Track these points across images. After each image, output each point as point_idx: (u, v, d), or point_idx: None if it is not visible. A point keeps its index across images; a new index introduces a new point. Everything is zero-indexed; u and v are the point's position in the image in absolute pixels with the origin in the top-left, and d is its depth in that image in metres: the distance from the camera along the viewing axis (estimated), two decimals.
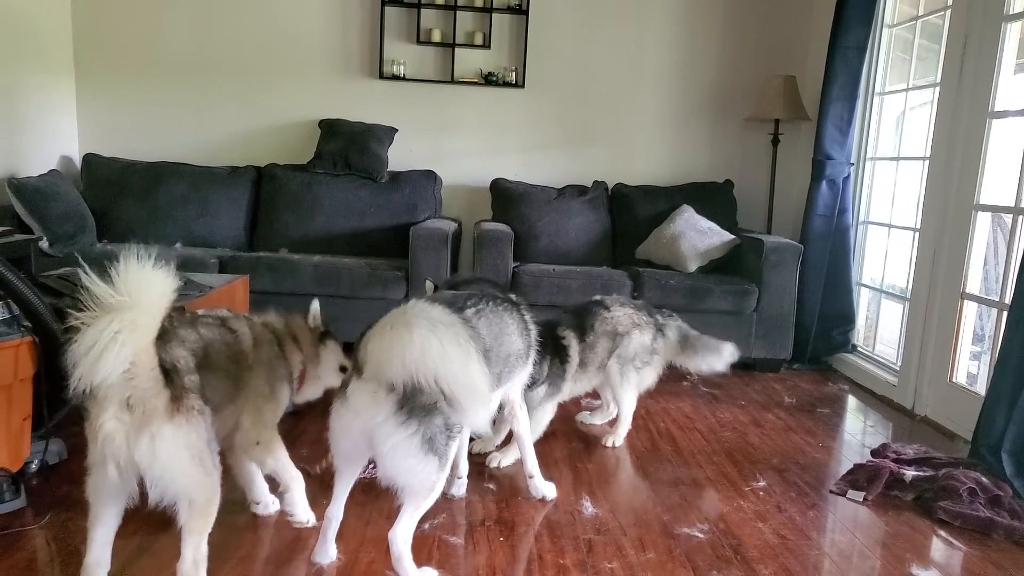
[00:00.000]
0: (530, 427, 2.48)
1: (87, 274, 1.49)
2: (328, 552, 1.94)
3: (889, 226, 4.18)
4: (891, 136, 4.27)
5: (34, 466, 2.36)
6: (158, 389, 1.56)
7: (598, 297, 3.05)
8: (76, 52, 4.60)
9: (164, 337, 1.66)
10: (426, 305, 1.72)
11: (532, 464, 2.43)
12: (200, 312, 1.95)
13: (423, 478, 1.75)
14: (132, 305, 1.50)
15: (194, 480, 1.61)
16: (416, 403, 1.70)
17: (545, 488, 2.42)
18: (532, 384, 2.64)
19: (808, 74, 4.66)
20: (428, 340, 1.62)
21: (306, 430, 2.82)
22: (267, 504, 2.20)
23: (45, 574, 1.87)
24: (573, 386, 2.83)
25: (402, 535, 1.80)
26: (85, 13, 4.57)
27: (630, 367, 2.91)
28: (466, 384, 1.65)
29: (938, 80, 3.59)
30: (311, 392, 2.23)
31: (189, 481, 1.60)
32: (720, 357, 3.09)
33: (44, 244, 3.72)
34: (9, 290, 2.13)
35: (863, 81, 4.16)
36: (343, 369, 2.19)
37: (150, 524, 1.97)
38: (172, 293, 1.61)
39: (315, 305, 2.22)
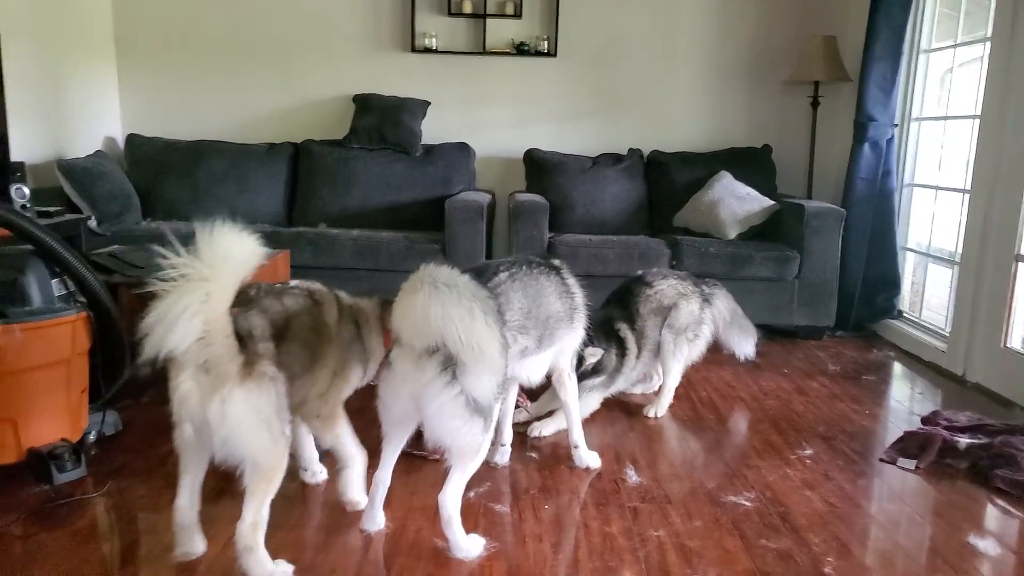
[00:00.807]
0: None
1: (169, 245, 1.55)
2: (376, 519, 1.98)
3: (936, 188, 4.06)
4: (937, 95, 4.13)
5: (92, 437, 2.42)
6: (232, 355, 1.63)
7: (640, 272, 3.04)
8: (117, 36, 4.67)
9: (246, 305, 1.75)
10: (434, 268, 1.71)
11: (578, 434, 2.43)
12: (290, 283, 2.00)
13: (469, 438, 1.78)
14: (209, 276, 1.56)
15: (260, 444, 1.66)
16: (456, 364, 1.71)
17: (589, 458, 2.43)
18: (595, 372, 2.70)
19: (849, 33, 4.52)
20: (431, 302, 1.64)
21: (348, 402, 2.86)
22: (315, 472, 2.24)
23: (107, 540, 1.93)
24: (628, 375, 2.87)
25: (451, 498, 1.83)
26: None
27: (682, 338, 2.91)
28: (469, 344, 1.65)
29: (989, 34, 3.46)
30: None
31: (255, 444, 1.65)
32: (750, 342, 3.13)
33: (92, 223, 3.80)
34: (65, 267, 2.19)
35: (907, 38, 4.02)
36: None
37: (209, 491, 2.01)
38: (253, 262, 1.67)
39: None
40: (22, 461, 2.18)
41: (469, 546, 1.87)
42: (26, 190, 3.24)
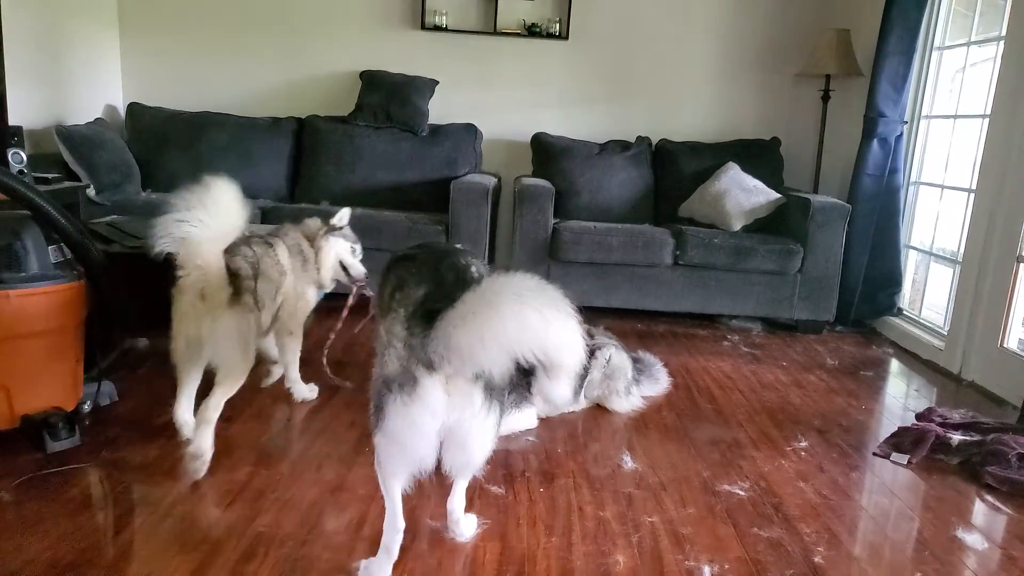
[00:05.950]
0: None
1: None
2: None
3: (942, 187, 4.04)
4: (948, 93, 4.10)
5: (87, 407, 2.41)
6: (223, 285, 2.07)
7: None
8: (120, 2, 4.62)
9: (231, 250, 2.16)
10: (517, 280, 1.45)
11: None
12: (249, 233, 2.37)
13: (489, 452, 1.69)
14: (213, 218, 1.98)
15: (235, 357, 2.13)
16: (495, 386, 1.60)
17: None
18: None
19: (863, 28, 4.48)
20: (524, 313, 1.40)
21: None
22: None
23: (99, 509, 1.93)
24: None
25: (458, 503, 1.88)
26: None
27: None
28: (546, 348, 1.42)
29: (1003, 34, 3.43)
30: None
31: (231, 356, 2.12)
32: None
33: (91, 192, 3.77)
34: (64, 235, 2.17)
35: (921, 35, 3.98)
36: (343, 268, 2.66)
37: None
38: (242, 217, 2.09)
39: (345, 211, 2.65)
40: (15, 428, 2.17)
41: (463, 527, 1.88)
42: (23, 155, 3.21)
